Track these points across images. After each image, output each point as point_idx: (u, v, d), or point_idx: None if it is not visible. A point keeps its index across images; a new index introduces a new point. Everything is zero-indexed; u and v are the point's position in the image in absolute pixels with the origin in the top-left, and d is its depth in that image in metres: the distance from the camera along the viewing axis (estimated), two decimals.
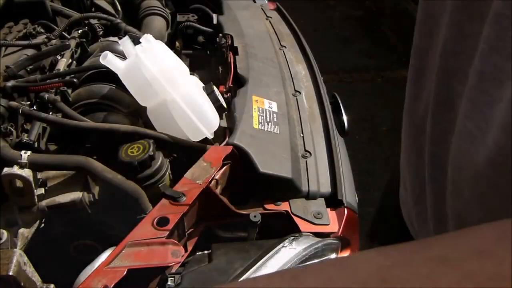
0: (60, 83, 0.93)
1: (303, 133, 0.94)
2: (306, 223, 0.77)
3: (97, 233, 0.84)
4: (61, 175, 0.82)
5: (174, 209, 0.68)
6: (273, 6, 1.54)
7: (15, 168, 0.73)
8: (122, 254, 0.61)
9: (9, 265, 0.58)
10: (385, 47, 3.24)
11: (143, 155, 0.77)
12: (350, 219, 0.81)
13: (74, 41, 1.13)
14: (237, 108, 0.90)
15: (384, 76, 2.95)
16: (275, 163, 0.80)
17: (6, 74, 0.94)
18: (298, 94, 1.06)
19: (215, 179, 0.76)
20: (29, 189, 0.74)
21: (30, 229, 0.77)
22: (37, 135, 0.85)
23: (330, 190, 0.83)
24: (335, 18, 3.67)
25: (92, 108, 0.94)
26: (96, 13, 1.32)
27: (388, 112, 2.59)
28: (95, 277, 0.58)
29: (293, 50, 1.27)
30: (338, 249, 0.78)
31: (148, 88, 0.86)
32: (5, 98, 0.89)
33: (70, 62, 1.08)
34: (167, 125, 0.87)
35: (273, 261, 0.67)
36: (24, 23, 1.21)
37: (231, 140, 0.80)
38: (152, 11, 1.37)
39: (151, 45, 0.89)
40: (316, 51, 1.33)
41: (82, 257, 0.85)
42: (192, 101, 0.87)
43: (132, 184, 0.76)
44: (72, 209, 0.78)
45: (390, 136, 2.44)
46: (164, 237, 0.63)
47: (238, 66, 1.05)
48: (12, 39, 1.12)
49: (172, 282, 0.65)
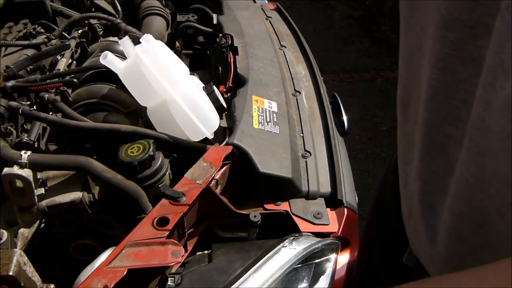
0: (60, 83, 0.93)
1: (303, 133, 0.94)
2: (306, 223, 0.77)
3: (97, 233, 0.84)
4: (61, 175, 0.82)
5: (174, 209, 0.68)
6: (273, 6, 1.54)
7: (15, 168, 0.73)
8: (122, 254, 0.61)
9: (9, 265, 0.58)
10: (385, 47, 3.24)
11: (143, 155, 0.77)
12: (350, 219, 0.81)
13: (74, 41, 1.13)
14: (237, 108, 0.90)
15: (384, 76, 2.95)
16: (275, 163, 0.80)
17: (6, 74, 0.94)
18: (298, 94, 1.06)
19: (215, 179, 0.76)
20: (29, 189, 0.74)
21: (30, 229, 0.77)
22: (37, 135, 0.85)
23: (330, 190, 0.83)
24: (335, 18, 3.67)
25: (92, 108, 0.94)
26: (96, 13, 1.32)
27: (388, 112, 2.59)
28: (95, 277, 0.58)
29: (293, 50, 1.27)
30: (338, 249, 0.78)
31: (148, 88, 0.86)
32: (5, 98, 0.89)
33: (70, 62, 1.08)
34: (167, 125, 0.87)
35: (273, 261, 0.67)
36: (24, 23, 1.21)
37: (231, 140, 0.80)
38: (152, 11, 1.37)
39: (151, 45, 0.89)
40: (316, 51, 1.33)
41: (82, 257, 0.85)
42: (192, 101, 0.87)
43: (132, 184, 0.76)
44: (72, 209, 0.78)
45: (390, 136, 2.44)
46: (164, 237, 0.63)
47: (238, 66, 1.05)
48: (12, 39, 1.12)
49: (172, 282, 0.65)
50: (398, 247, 0.65)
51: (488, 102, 0.35)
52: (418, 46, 0.46)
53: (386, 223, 0.74)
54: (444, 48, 0.40)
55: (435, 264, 0.51)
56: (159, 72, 0.86)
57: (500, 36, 0.33)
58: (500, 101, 0.33)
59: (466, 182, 0.40)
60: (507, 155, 0.34)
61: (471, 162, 0.39)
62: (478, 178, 0.38)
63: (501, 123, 0.34)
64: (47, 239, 0.83)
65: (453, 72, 0.41)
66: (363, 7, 3.80)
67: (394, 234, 0.66)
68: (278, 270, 0.66)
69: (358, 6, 3.81)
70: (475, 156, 0.38)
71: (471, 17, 0.37)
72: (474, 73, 0.38)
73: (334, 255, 0.76)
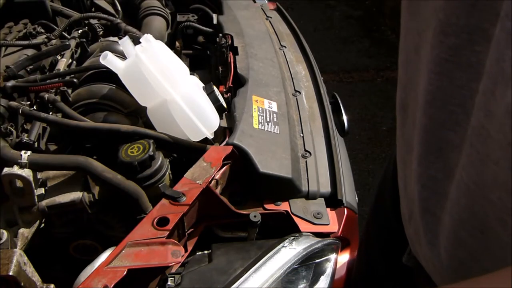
0: (60, 83, 0.93)
1: (303, 133, 0.94)
2: (306, 223, 0.77)
3: (97, 233, 0.84)
4: (61, 175, 0.82)
5: (174, 209, 0.68)
6: (273, 6, 1.55)
7: (15, 168, 0.73)
8: (122, 254, 0.61)
9: (9, 265, 0.58)
10: (385, 47, 3.24)
11: (143, 155, 0.77)
12: (350, 219, 0.81)
13: (74, 41, 1.13)
14: (237, 108, 0.90)
15: (384, 76, 2.95)
16: (275, 163, 0.80)
17: (6, 74, 0.94)
18: (298, 94, 1.06)
19: (215, 179, 0.76)
20: (29, 189, 0.74)
21: (30, 229, 0.77)
22: (37, 135, 0.85)
23: (330, 190, 0.83)
24: (335, 18, 3.67)
25: (92, 108, 0.94)
26: (96, 13, 1.32)
27: (388, 112, 2.59)
28: (95, 277, 0.58)
29: (293, 50, 1.27)
30: (338, 249, 0.78)
31: (148, 88, 0.86)
32: (5, 98, 0.89)
33: (70, 62, 1.08)
34: (167, 125, 0.87)
35: (273, 261, 0.68)
36: (24, 23, 1.21)
37: (231, 140, 0.80)
38: (152, 11, 1.37)
39: (151, 45, 0.89)
40: (316, 51, 1.33)
41: (82, 257, 0.85)
42: (192, 101, 0.87)
43: (132, 184, 0.76)
44: (72, 209, 0.78)
45: (390, 136, 2.44)
46: (164, 237, 0.63)
47: (238, 66, 1.05)
48: (12, 39, 1.12)
49: (172, 282, 0.65)
50: (397, 247, 0.65)
51: (488, 109, 0.35)
52: (416, 51, 0.46)
53: (386, 222, 0.74)
54: (441, 53, 0.40)
55: (434, 267, 0.50)
56: (159, 72, 0.86)
57: (499, 43, 0.33)
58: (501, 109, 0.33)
59: (467, 187, 0.40)
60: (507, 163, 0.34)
61: (472, 168, 0.39)
62: (479, 184, 0.38)
63: (502, 131, 0.34)
64: (47, 239, 0.83)
65: (451, 78, 0.41)
66: (363, 7, 3.80)
67: (393, 233, 0.66)
68: (278, 270, 0.66)
69: (358, 6, 3.80)
70: (476, 162, 0.38)
71: (468, 23, 0.37)
72: (472, 78, 0.38)
73: (334, 255, 0.76)
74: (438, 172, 0.45)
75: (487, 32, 0.36)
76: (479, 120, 0.37)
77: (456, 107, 0.41)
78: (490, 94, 0.35)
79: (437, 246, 0.48)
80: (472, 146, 0.38)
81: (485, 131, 0.36)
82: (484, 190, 0.37)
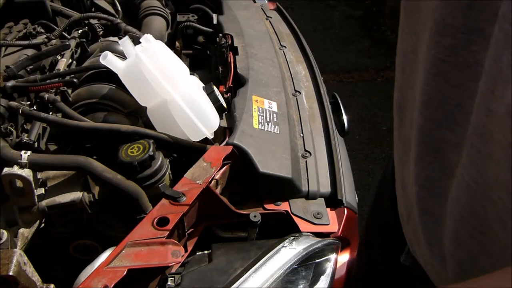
0: (60, 83, 0.93)
1: (303, 133, 0.94)
2: (306, 223, 0.77)
3: (97, 233, 0.84)
4: (61, 175, 0.82)
5: (174, 209, 0.68)
6: (273, 6, 1.55)
7: (15, 168, 0.73)
8: (122, 254, 0.61)
9: (9, 265, 0.58)
10: (385, 47, 3.24)
11: (143, 155, 0.77)
12: (350, 219, 0.81)
13: (74, 41, 1.13)
14: (237, 108, 0.90)
15: (384, 76, 2.95)
16: (275, 163, 0.80)
17: (6, 74, 0.94)
18: (298, 94, 1.06)
19: (215, 179, 0.76)
20: (29, 189, 0.74)
21: (30, 229, 0.77)
22: (37, 135, 0.85)
23: (330, 190, 0.83)
24: (335, 18, 3.67)
25: (92, 108, 0.94)
26: (96, 13, 1.32)
27: (388, 112, 2.59)
28: (95, 277, 0.58)
29: (293, 50, 1.27)
30: (338, 249, 0.78)
31: (148, 88, 0.86)
32: (5, 98, 0.89)
33: (70, 62, 1.08)
34: (167, 125, 0.87)
35: (273, 261, 0.68)
36: (24, 23, 1.21)
37: (231, 140, 0.80)
38: (152, 11, 1.37)
39: (151, 45, 0.89)
40: (316, 51, 1.33)
41: (82, 257, 0.85)
42: (192, 101, 0.87)
43: (132, 184, 0.76)
44: (72, 209, 0.78)
45: (390, 136, 2.43)
46: (164, 237, 0.63)
47: (238, 66, 1.05)
48: (12, 39, 1.12)
49: (172, 282, 0.65)
50: (397, 247, 0.65)
51: (488, 109, 0.35)
52: (413, 51, 0.46)
53: (385, 222, 0.74)
54: (438, 54, 0.40)
55: (433, 267, 0.50)
56: (159, 72, 0.86)
57: (497, 44, 0.33)
58: (502, 109, 0.33)
59: (468, 187, 0.40)
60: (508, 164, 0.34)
61: (473, 168, 0.39)
62: (480, 184, 0.38)
63: (503, 131, 0.34)
64: (47, 239, 0.83)
65: (447, 78, 0.40)
66: (363, 7, 3.80)
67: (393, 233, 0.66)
68: (278, 270, 0.66)
69: (358, 6, 3.81)
70: (477, 162, 0.38)
71: (465, 23, 0.37)
72: (470, 78, 0.38)
73: (334, 255, 0.76)
74: (436, 173, 0.45)
75: (484, 32, 0.35)
76: (480, 119, 0.37)
77: (452, 106, 0.41)
78: (490, 93, 0.35)
79: (436, 246, 0.48)
80: (473, 146, 0.38)
81: (486, 130, 0.36)
82: (485, 190, 0.37)
